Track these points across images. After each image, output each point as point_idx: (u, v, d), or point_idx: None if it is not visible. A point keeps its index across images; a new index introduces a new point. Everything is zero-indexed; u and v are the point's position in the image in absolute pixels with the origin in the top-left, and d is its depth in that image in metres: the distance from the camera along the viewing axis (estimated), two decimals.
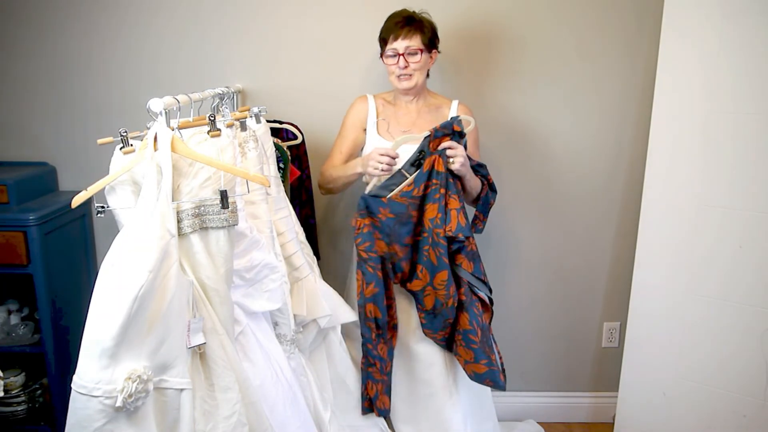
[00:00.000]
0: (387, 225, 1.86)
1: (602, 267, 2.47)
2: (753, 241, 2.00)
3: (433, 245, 1.86)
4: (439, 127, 1.84)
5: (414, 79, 1.94)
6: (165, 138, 1.26)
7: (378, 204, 1.86)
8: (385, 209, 1.86)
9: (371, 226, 1.87)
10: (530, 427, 2.45)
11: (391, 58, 1.93)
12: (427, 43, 1.93)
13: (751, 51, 1.92)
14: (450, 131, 1.85)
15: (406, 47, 1.90)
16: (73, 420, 1.16)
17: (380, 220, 1.86)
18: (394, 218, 1.85)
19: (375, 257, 1.87)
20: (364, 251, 1.87)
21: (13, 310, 2.26)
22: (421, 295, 1.92)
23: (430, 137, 1.84)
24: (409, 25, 1.90)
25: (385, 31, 1.94)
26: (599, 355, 2.55)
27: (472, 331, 1.89)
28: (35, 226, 2.00)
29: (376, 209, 1.86)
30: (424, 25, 1.93)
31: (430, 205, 1.85)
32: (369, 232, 1.87)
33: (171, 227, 1.24)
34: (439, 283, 1.89)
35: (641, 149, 2.28)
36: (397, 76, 1.94)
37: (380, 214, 1.86)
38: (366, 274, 1.87)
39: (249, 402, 1.35)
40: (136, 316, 1.14)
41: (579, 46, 2.26)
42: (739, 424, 2.09)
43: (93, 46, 2.24)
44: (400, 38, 1.90)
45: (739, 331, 2.05)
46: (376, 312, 1.88)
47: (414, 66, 1.92)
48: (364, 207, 1.87)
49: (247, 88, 2.27)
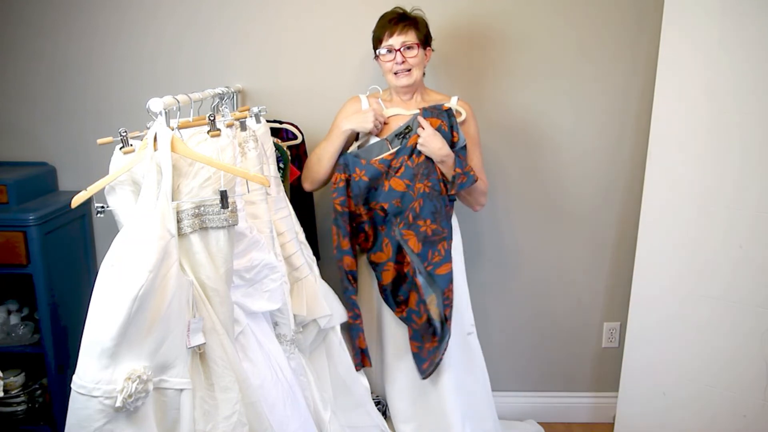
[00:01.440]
0: (358, 186, 1.94)
1: (602, 267, 2.46)
2: (753, 242, 1.99)
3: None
4: (428, 108, 1.92)
5: (413, 75, 1.93)
6: (165, 138, 1.26)
7: (356, 164, 1.95)
8: (362, 171, 1.94)
9: (345, 182, 1.95)
10: (530, 427, 2.45)
11: (387, 55, 1.92)
12: (422, 39, 1.93)
13: (752, 50, 1.92)
14: (441, 112, 1.91)
15: (402, 42, 1.89)
16: (73, 420, 1.16)
17: (353, 180, 1.95)
18: (367, 182, 1.93)
19: (347, 212, 1.96)
20: (339, 205, 1.95)
21: (13, 310, 2.26)
22: (380, 269, 1.97)
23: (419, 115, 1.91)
24: (403, 22, 1.91)
25: (378, 30, 1.94)
26: (599, 355, 2.54)
27: (417, 312, 1.94)
28: (35, 226, 2.00)
29: (353, 168, 1.95)
30: (417, 21, 1.93)
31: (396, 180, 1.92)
32: (344, 187, 1.95)
33: (171, 227, 1.23)
34: (401, 260, 1.94)
35: (641, 149, 2.28)
36: (394, 73, 1.93)
37: (355, 173, 1.95)
38: (341, 228, 1.96)
39: (249, 402, 1.35)
40: (136, 316, 1.14)
41: (579, 45, 2.26)
42: (739, 424, 2.09)
43: (93, 46, 2.24)
44: (395, 34, 1.89)
45: (739, 331, 2.05)
46: (352, 265, 1.96)
47: (412, 61, 1.91)
48: (343, 163, 1.96)
49: (247, 88, 2.27)
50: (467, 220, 2.33)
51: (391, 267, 1.96)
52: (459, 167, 1.90)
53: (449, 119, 1.92)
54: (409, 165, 1.91)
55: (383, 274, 1.97)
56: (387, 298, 2.01)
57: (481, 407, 2.16)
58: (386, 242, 1.95)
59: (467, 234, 2.36)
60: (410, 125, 1.92)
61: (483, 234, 2.43)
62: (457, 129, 1.93)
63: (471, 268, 2.35)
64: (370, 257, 2.01)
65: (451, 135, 1.92)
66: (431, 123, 1.90)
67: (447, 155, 1.88)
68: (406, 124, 1.93)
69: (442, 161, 1.89)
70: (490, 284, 2.47)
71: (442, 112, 1.92)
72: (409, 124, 1.92)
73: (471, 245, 2.40)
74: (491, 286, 2.47)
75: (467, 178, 1.90)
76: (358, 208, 1.96)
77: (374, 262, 2.00)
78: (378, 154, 1.95)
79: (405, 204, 1.92)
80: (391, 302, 2.01)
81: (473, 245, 2.41)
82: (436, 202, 1.89)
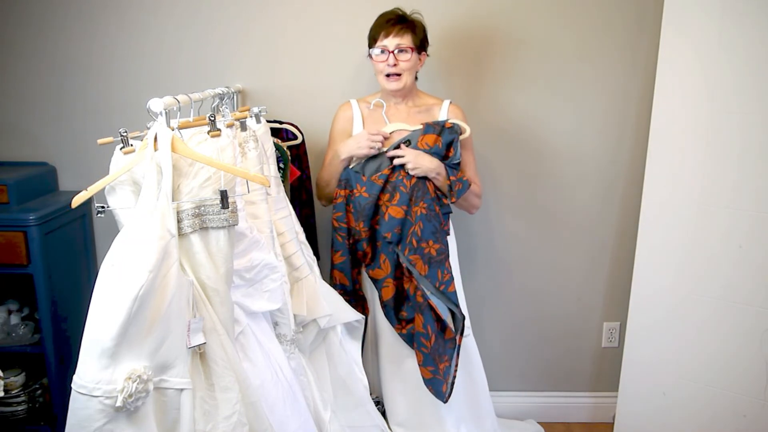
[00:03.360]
0: (359, 202, 1.95)
1: (602, 267, 2.47)
2: (753, 241, 1.99)
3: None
4: (431, 123, 1.93)
5: (403, 79, 1.93)
6: (165, 138, 1.26)
7: (357, 180, 1.96)
8: (362, 187, 1.95)
9: (345, 198, 1.97)
10: (530, 427, 2.45)
11: (380, 56, 1.91)
12: (418, 44, 1.92)
13: (752, 50, 1.92)
14: (441, 129, 1.92)
15: (397, 45, 1.89)
16: (73, 420, 1.16)
17: (354, 196, 1.96)
18: (368, 198, 1.94)
19: (345, 228, 1.98)
20: (336, 220, 1.99)
21: (13, 310, 2.26)
22: (380, 285, 1.98)
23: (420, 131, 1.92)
24: (400, 24, 1.90)
25: (375, 29, 1.93)
26: (599, 355, 2.55)
27: (425, 335, 1.93)
28: (35, 226, 2.00)
29: (354, 184, 1.96)
30: (415, 25, 1.92)
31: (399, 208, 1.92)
32: (343, 203, 1.98)
33: (171, 227, 1.23)
34: (399, 276, 1.95)
35: (641, 149, 2.28)
36: (385, 76, 1.93)
37: (356, 189, 1.96)
38: (335, 242, 2.00)
39: (249, 402, 1.35)
40: (136, 316, 1.14)
41: (579, 45, 2.26)
42: (739, 424, 2.09)
43: (93, 46, 2.24)
44: (391, 35, 1.89)
45: (739, 331, 2.05)
46: (342, 279, 1.99)
47: (404, 65, 1.90)
48: (344, 179, 1.98)
49: (247, 88, 2.27)
50: (467, 219, 2.34)
51: (390, 283, 1.96)
52: (452, 176, 1.93)
53: (449, 136, 1.93)
54: (404, 191, 1.92)
55: (383, 290, 1.98)
56: (388, 313, 2.00)
57: (480, 407, 2.17)
58: (383, 258, 1.96)
59: (467, 233, 2.37)
60: (410, 140, 1.93)
61: (483, 234, 2.43)
62: (456, 146, 1.94)
63: (471, 268, 2.35)
64: (369, 273, 2.02)
65: (445, 151, 1.94)
66: (430, 139, 1.91)
67: (438, 167, 1.91)
68: (407, 137, 1.93)
69: (436, 176, 1.91)
70: (490, 284, 2.47)
71: (444, 129, 1.93)
72: (410, 139, 1.93)
73: (471, 245, 2.40)
74: (492, 286, 2.47)
75: (462, 184, 1.94)
76: (358, 225, 1.96)
77: (374, 278, 2.01)
78: (378, 169, 1.96)
79: (405, 230, 1.93)
80: (393, 318, 2.00)
81: (473, 245, 2.41)
82: (434, 222, 1.91)
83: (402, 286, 1.98)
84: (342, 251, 1.98)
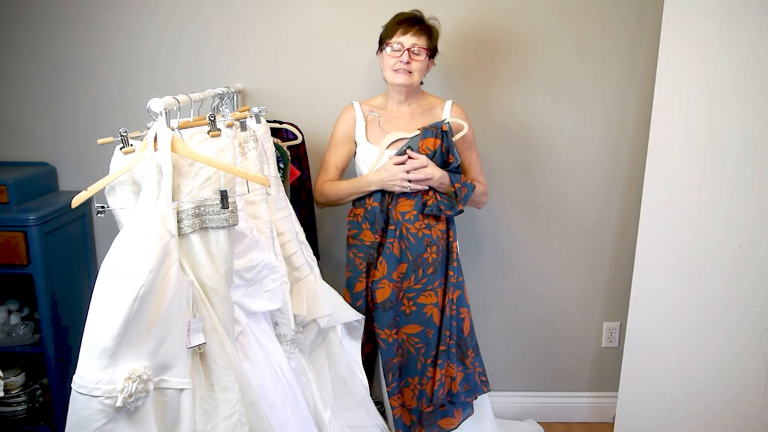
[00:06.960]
0: (371, 213, 1.97)
1: (602, 267, 2.47)
2: (753, 242, 2.00)
3: (399, 238, 1.93)
4: (428, 127, 1.93)
5: (413, 77, 1.93)
6: (165, 138, 1.26)
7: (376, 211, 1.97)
8: (370, 198, 1.97)
9: (361, 216, 2.00)
10: (530, 427, 2.45)
11: (395, 52, 1.90)
12: (431, 48, 1.93)
13: (752, 50, 1.92)
14: (439, 132, 1.92)
15: (413, 44, 1.89)
16: (73, 420, 1.16)
17: (366, 209, 1.98)
18: (377, 206, 1.95)
19: (359, 245, 2.00)
20: (351, 237, 2.03)
21: (13, 310, 2.26)
22: (374, 287, 1.97)
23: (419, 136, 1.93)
24: (419, 25, 1.91)
25: (392, 25, 1.92)
26: (599, 355, 2.55)
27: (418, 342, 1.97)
28: (35, 226, 2.00)
29: (364, 199, 1.99)
30: (432, 30, 1.94)
31: (404, 200, 1.94)
32: (359, 222, 2.00)
33: (171, 227, 1.23)
34: (398, 276, 1.94)
35: (641, 149, 2.28)
36: (394, 70, 1.92)
37: (366, 202, 1.98)
38: (347, 257, 2.05)
39: (249, 402, 1.35)
40: (136, 316, 1.14)
41: (579, 46, 2.26)
42: (739, 424, 2.09)
43: (93, 46, 2.24)
44: (409, 34, 1.89)
45: (739, 331, 2.05)
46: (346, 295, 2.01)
47: (416, 65, 1.91)
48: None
49: (247, 88, 2.27)
50: (467, 219, 2.34)
51: (386, 284, 1.95)
52: (457, 182, 1.94)
53: (447, 141, 1.93)
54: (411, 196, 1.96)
55: (377, 291, 1.97)
56: (378, 315, 1.98)
57: (479, 407, 2.16)
58: (380, 260, 1.96)
59: (467, 233, 2.37)
60: (411, 146, 1.93)
61: (483, 234, 2.43)
62: (453, 151, 1.94)
63: (471, 268, 2.35)
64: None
65: (446, 156, 1.94)
66: (430, 143, 1.91)
67: (442, 176, 1.92)
68: (407, 145, 1.94)
69: (440, 185, 1.93)
70: (490, 284, 2.47)
71: (441, 133, 1.93)
72: (410, 145, 1.93)
73: (470, 245, 2.40)
74: (491, 285, 2.48)
75: (467, 188, 1.95)
76: (376, 236, 1.97)
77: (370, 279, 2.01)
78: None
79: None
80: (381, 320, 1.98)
81: (473, 245, 2.41)
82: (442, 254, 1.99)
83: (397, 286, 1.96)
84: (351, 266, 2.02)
